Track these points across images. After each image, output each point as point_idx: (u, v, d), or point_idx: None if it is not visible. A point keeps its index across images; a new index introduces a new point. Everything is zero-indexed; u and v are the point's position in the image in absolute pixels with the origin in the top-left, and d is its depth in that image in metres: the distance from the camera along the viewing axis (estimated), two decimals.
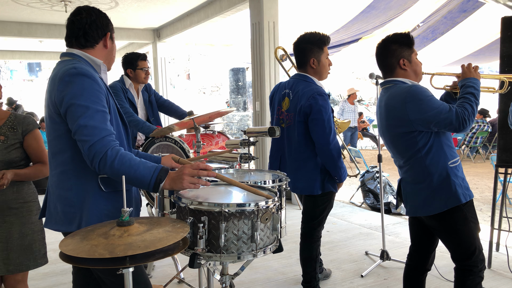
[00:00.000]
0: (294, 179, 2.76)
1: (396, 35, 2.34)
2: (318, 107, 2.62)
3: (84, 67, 1.68)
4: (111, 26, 1.85)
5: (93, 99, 1.61)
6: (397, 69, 2.32)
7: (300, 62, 2.82)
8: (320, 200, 2.83)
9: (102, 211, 1.70)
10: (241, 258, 1.60)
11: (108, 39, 1.83)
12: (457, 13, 6.58)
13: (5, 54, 12.57)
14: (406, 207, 2.38)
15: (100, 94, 1.64)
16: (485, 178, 8.26)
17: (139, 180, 1.59)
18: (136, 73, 3.68)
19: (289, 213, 5.52)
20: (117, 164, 1.56)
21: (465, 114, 2.12)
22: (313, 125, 2.66)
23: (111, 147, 1.57)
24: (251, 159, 2.43)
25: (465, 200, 2.19)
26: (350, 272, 3.54)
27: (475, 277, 2.22)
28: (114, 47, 1.88)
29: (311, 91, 2.67)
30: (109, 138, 1.59)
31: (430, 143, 2.20)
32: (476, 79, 2.28)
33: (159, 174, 1.59)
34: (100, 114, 1.61)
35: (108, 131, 1.61)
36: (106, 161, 1.55)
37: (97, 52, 1.81)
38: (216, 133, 3.81)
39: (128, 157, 1.59)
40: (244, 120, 12.26)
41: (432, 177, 2.20)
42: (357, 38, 7.77)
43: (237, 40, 9.86)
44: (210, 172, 1.64)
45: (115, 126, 1.74)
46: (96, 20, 1.78)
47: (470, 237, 2.21)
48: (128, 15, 8.30)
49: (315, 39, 2.73)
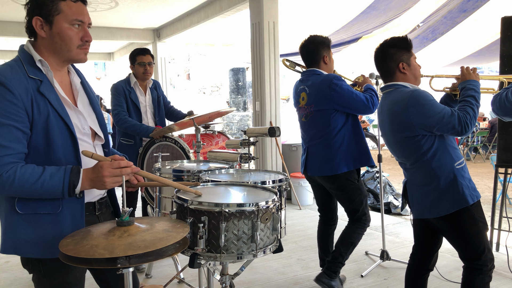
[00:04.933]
0: (326, 162, 2.91)
1: (394, 39, 2.34)
2: (342, 91, 2.82)
3: (2, 70, 1.43)
4: (50, 5, 1.48)
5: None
6: (397, 73, 2.32)
7: (312, 59, 3.00)
8: (352, 176, 2.94)
9: (19, 235, 1.48)
10: (241, 258, 1.60)
11: (37, 26, 1.49)
12: (457, 13, 6.57)
13: (5, 54, 12.55)
14: (413, 209, 2.37)
15: (11, 105, 1.39)
16: (485, 178, 8.26)
17: (50, 192, 1.42)
18: (136, 69, 3.62)
19: (289, 213, 5.53)
20: (17, 185, 1.38)
21: (467, 118, 2.12)
22: (348, 104, 2.85)
23: (6, 170, 1.38)
24: (251, 159, 2.43)
25: (473, 201, 2.18)
26: (350, 272, 3.54)
27: (485, 276, 2.21)
28: (60, 33, 1.50)
29: (327, 79, 2.87)
30: (7, 158, 1.38)
31: (435, 146, 2.21)
32: (476, 81, 2.28)
33: (70, 178, 1.42)
34: (5, 128, 1.38)
35: (8, 150, 1.38)
36: (3, 185, 1.38)
37: (39, 44, 1.53)
38: (216, 133, 3.81)
39: (29, 172, 1.40)
40: (244, 120, 12.26)
41: (439, 180, 2.20)
42: (357, 38, 7.77)
43: (237, 40, 9.86)
44: (134, 168, 1.50)
45: (48, 137, 1.48)
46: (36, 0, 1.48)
47: (479, 236, 2.20)
48: (128, 15, 8.29)
49: (326, 40, 3.01)
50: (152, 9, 7.82)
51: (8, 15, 8.01)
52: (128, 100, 3.58)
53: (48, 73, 1.52)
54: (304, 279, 3.45)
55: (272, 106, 5.92)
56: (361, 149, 2.94)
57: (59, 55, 1.54)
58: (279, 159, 6.03)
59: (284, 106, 12.16)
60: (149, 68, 3.63)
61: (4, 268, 3.86)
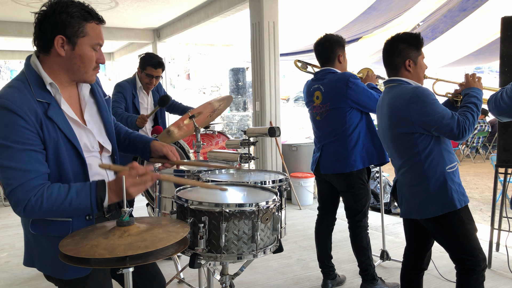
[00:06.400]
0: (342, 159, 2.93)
1: (406, 35, 2.32)
2: (358, 89, 2.85)
3: (10, 95, 1.40)
4: (76, 27, 1.45)
5: (14, 137, 1.37)
6: (402, 69, 2.31)
7: (328, 57, 3.01)
8: (363, 175, 2.97)
9: (35, 253, 1.55)
10: (241, 258, 1.60)
11: (58, 45, 1.45)
12: (457, 12, 6.57)
13: (5, 54, 12.56)
14: (401, 208, 2.38)
15: (24, 130, 1.38)
16: (485, 178, 8.26)
17: (79, 210, 1.43)
18: (141, 76, 3.58)
19: (289, 213, 5.53)
20: (46, 207, 1.39)
21: (466, 123, 2.12)
22: (364, 102, 2.87)
23: (34, 193, 1.38)
24: (251, 159, 2.43)
25: (461, 206, 2.19)
26: (350, 272, 3.54)
27: (478, 276, 2.21)
28: (82, 55, 1.49)
29: (344, 77, 2.88)
30: (33, 182, 1.39)
31: (430, 147, 2.20)
32: (479, 89, 2.29)
33: (97, 194, 1.42)
34: (24, 153, 1.39)
35: (32, 174, 1.40)
36: (33, 208, 1.39)
37: (52, 60, 1.49)
38: (216, 133, 3.82)
39: (55, 192, 1.40)
40: (244, 120, 12.26)
41: (429, 182, 2.20)
42: (357, 37, 7.77)
43: (237, 40, 9.86)
44: (154, 175, 1.48)
45: (58, 160, 1.48)
46: (53, 15, 1.43)
47: (468, 238, 2.21)
48: (128, 15, 8.29)
49: (342, 39, 3.03)
50: (152, 9, 7.82)
51: (8, 15, 8.01)
52: (130, 104, 3.55)
53: (56, 95, 1.50)
54: (304, 279, 3.45)
55: (272, 106, 5.92)
56: (376, 146, 2.96)
57: (72, 75, 1.52)
58: (279, 159, 6.03)
59: (284, 106, 12.15)
60: (155, 81, 3.59)
61: (4, 268, 3.86)
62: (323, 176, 3.09)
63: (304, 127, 13.35)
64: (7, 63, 24.03)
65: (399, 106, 2.23)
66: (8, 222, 5.47)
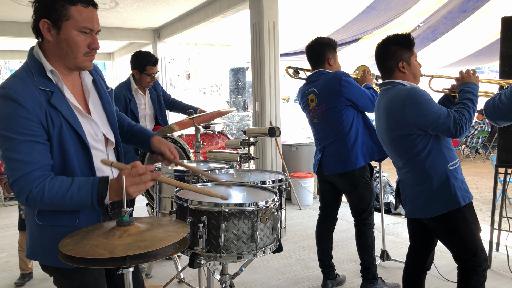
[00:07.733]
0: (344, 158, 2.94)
1: (397, 36, 2.32)
2: (351, 87, 2.88)
3: (13, 84, 1.40)
4: (60, 10, 1.41)
5: (16, 128, 1.37)
6: (396, 71, 2.30)
7: (318, 60, 3.05)
8: (365, 174, 2.99)
9: (40, 244, 1.54)
10: (241, 258, 1.60)
11: (44, 29, 1.43)
12: (457, 13, 6.57)
13: (5, 54, 12.56)
14: (405, 208, 2.38)
15: (27, 121, 1.38)
16: (485, 178, 8.26)
17: (80, 205, 1.42)
18: (141, 77, 3.55)
19: (289, 213, 5.53)
20: (47, 198, 1.39)
21: (462, 120, 2.10)
22: (357, 100, 2.89)
23: (35, 185, 1.38)
24: (251, 159, 2.43)
25: (465, 203, 2.18)
26: (350, 272, 3.54)
27: (479, 276, 2.21)
28: (68, 39, 1.45)
29: (336, 76, 2.91)
30: (34, 173, 1.39)
31: (429, 146, 2.20)
32: (475, 84, 2.26)
33: (98, 190, 1.41)
34: (26, 144, 1.38)
35: (33, 165, 1.39)
36: (34, 199, 1.39)
37: (46, 46, 1.48)
38: (216, 133, 3.82)
39: (57, 185, 1.40)
40: (244, 120, 12.25)
41: (432, 180, 2.20)
42: (357, 38, 7.77)
43: (237, 40, 9.86)
44: (154, 174, 1.46)
45: (62, 149, 1.47)
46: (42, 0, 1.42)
47: (472, 237, 2.20)
48: (128, 15, 8.29)
49: (332, 42, 3.09)
50: (152, 9, 7.82)
51: (8, 15, 8.01)
52: (128, 109, 3.52)
53: (58, 82, 1.49)
54: (304, 279, 3.45)
55: (272, 106, 5.92)
56: (375, 141, 2.97)
57: (64, 61, 1.50)
58: (279, 159, 6.03)
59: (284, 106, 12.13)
60: (155, 77, 3.61)
61: (4, 268, 3.86)
62: (326, 177, 3.10)
63: (304, 127, 13.34)
64: (7, 63, 24.02)
65: (394, 109, 2.23)
66: (8, 222, 5.47)
